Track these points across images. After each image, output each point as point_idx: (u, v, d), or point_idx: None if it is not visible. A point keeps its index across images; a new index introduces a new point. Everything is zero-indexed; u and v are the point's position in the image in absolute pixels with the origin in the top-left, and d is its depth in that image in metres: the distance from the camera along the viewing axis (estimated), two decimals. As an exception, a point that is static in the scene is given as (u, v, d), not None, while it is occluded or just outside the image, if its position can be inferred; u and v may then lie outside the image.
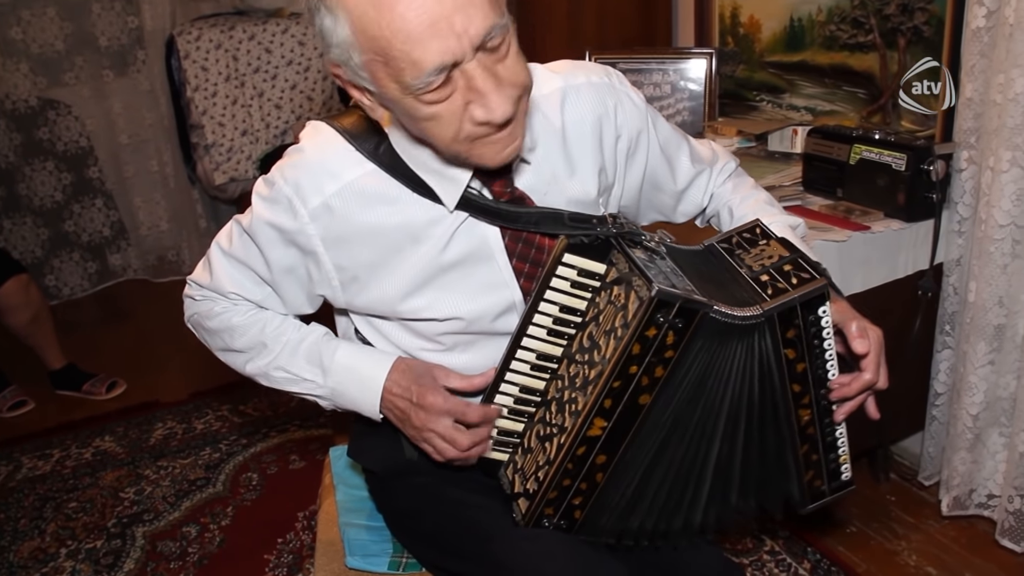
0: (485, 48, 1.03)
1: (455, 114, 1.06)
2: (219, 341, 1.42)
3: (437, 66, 1.00)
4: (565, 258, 1.18)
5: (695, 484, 1.24)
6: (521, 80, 1.08)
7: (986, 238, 2.01)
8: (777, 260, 1.20)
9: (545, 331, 1.21)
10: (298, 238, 1.25)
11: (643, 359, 1.09)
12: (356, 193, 1.22)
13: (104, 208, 4.40)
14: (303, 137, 1.27)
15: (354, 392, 1.34)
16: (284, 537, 2.46)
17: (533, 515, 1.22)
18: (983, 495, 2.24)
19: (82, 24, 4.13)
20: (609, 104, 1.33)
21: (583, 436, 1.14)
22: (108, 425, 3.17)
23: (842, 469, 1.31)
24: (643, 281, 1.07)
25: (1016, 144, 1.91)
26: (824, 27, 2.49)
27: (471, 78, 1.03)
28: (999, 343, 2.09)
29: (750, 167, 2.46)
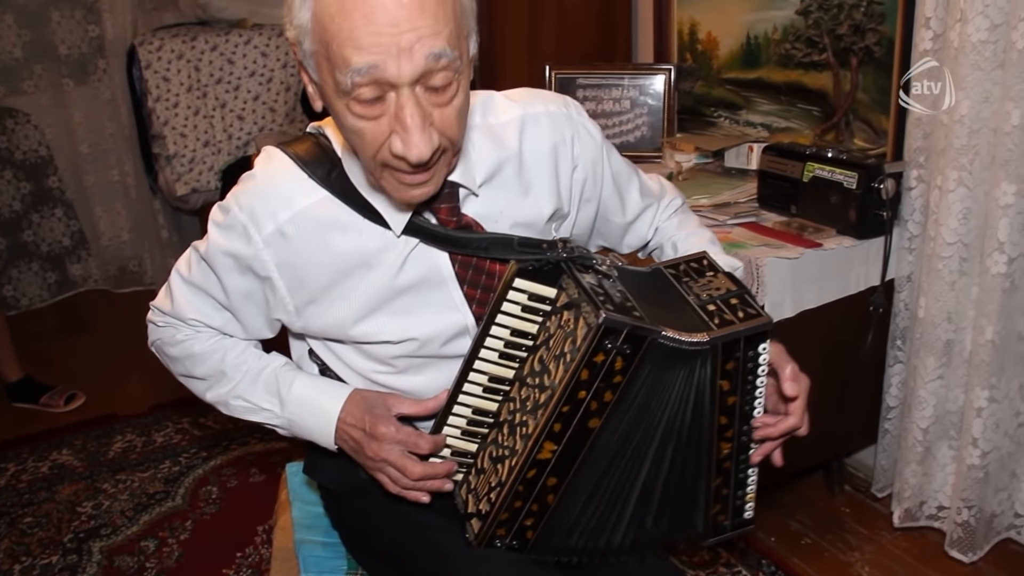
0: (428, 85, 1.03)
1: (377, 137, 1.06)
2: (181, 367, 1.44)
3: (365, 66, 0.99)
4: (516, 283, 1.19)
5: (621, 505, 1.25)
6: (452, 133, 1.09)
7: (935, 255, 2.06)
8: (724, 292, 1.22)
9: (497, 354, 1.22)
10: (253, 264, 1.25)
11: (592, 384, 1.10)
12: (309, 220, 1.23)
13: (64, 218, 4.36)
14: (256, 163, 1.28)
15: (310, 423, 1.35)
16: (243, 551, 2.45)
17: (485, 536, 1.23)
18: (933, 507, 2.28)
19: (41, 32, 4.09)
20: (566, 134, 1.34)
21: (533, 459, 1.16)
22: (66, 438, 3.14)
23: (747, 507, 1.32)
24: (591, 307, 1.08)
25: (962, 164, 1.95)
26: (780, 45, 2.53)
27: (401, 108, 1.03)
28: (948, 358, 2.13)
29: (707, 183, 2.50)
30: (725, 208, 2.33)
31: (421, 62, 1.00)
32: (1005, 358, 2.03)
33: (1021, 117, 1.84)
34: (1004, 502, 2.18)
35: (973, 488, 2.13)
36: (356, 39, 0.99)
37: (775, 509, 2.48)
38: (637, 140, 2.88)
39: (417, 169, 1.08)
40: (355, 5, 0.98)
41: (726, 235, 2.17)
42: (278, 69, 4.11)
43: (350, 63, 0.99)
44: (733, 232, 2.20)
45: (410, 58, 0.99)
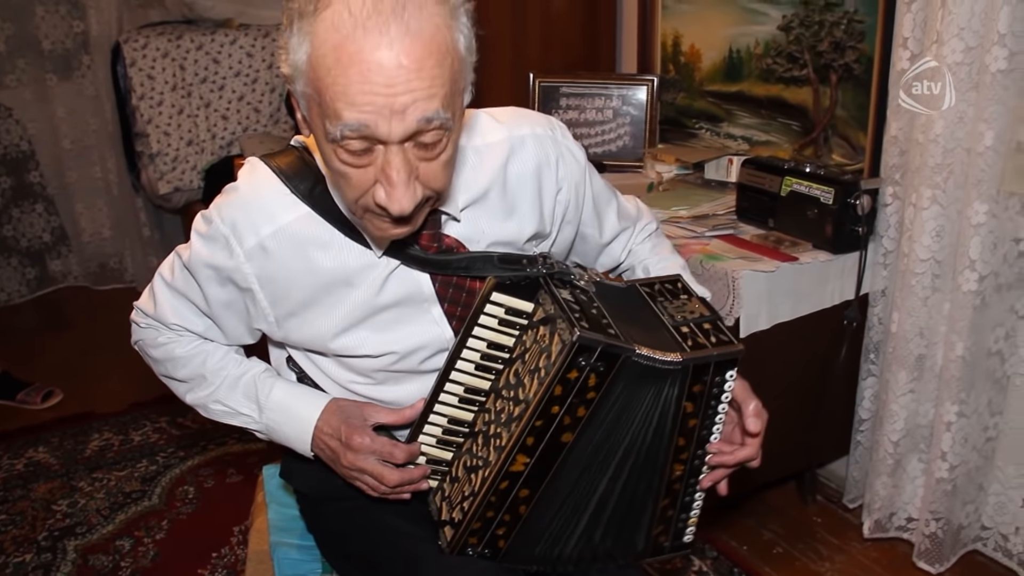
0: (417, 141, 1.03)
1: (362, 184, 1.06)
2: (162, 368, 1.46)
3: (356, 124, 0.99)
4: (493, 296, 1.20)
5: (577, 517, 1.27)
6: (437, 186, 1.09)
7: (908, 271, 2.09)
8: (698, 316, 1.24)
9: (473, 365, 1.24)
10: (234, 276, 1.26)
11: (565, 400, 1.11)
12: (291, 236, 1.23)
13: (45, 213, 4.34)
14: (240, 175, 1.28)
15: (287, 430, 1.37)
16: (219, 551, 2.46)
17: (457, 544, 1.25)
18: (903, 518, 2.32)
19: (25, 26, 4.07)
20: (551, 156, 1.34)
21: (506, 471, 1.17)
22: (42, 435, 3.13)
23: (688, 530, 1.34)
24: (566, 324, 1.10)
25: (936, 183, 1.99)
26: (761, 60, 2.56)
27: (388, 163, 1.02)
28: (919, 372, 2.17)
29: (687, 194, 2.53)
30: (704, 220, 2.36)
31: (413, 124, 1.00)
32: (975, 374, 2.06)
33: (994, 138, 1.87)
34: (971, 515, 2.22)
35: (941, 500, 2.16)
36: (350, 96, 0.98)
37: (748, 518, 2.50)
38: (619, 150, 2.90)
39: (398, 221, 1.09)
40: (352, 61, 0.96)
41: (704, 247, 2.20)
42: (263, 70, 4.11)
43: (341, 118, 0.99)
44: (711, 244, 2.23)
45: (402, 120, 0.99)
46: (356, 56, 0.96)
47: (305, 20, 1.00)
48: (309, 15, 0.99)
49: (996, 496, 2.21)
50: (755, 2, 2.54)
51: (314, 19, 0.99)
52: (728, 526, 2.47)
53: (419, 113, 0.99)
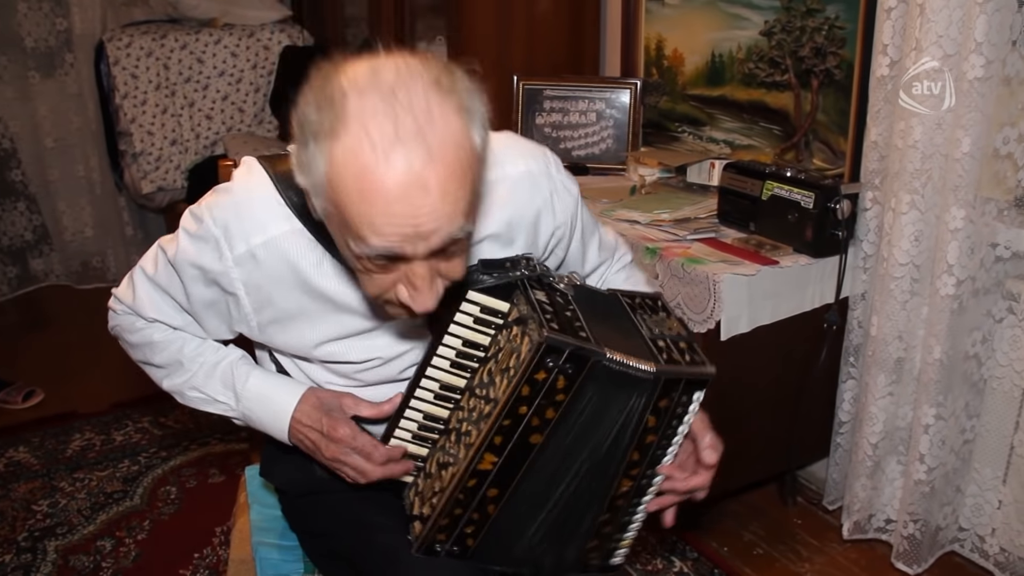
0: (440, 253, 1.02)
1: (384, 285, 1.06)
2: (139, 354, 1.44)
3: (384, 250, 0.98)
4: (469, 295, 1.20)
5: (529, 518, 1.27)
6: (456, 276, 1.08)
7: (887, 275, 2.11)
8: (675, 335, 1.24)
9: (448, 363, 1.24)
10: (220, 279, 1.24)
11: (533, 400, 1.12)
12: (280, 249, 1.21)
13: (27, 212, 4.31)
14: (235, 175, 1.26)
15: (265, 419, 1.36)
16: (201, 552, 2.45)
17: (425, 540, 1.25)
18: (881, 520, 2.34)
19: (7, 23, 4.05)
20: (547, 195, 1.32)
21: (474, 469, 1.18)
22: (23, 435, 3.11)
23: (619, 552, 1.35)
24: (536, 325, 1.10)
25: (915, 188, 2.01)
26: (743, 64, 2.58)
27: (412, 271, 1.02)
28: (898, 375, 2.19)
29: (668, 197, 2.54)
30: (685, 223, 2.38)
31: (438, 244, 0.99)
32: (952, 377, 2.09)
33: (971, 144, 1.90)
34: (949, 516, 2.24)
35: (919, 502, 2.18)
36: (376, 226, 0.96)
37: (728, 519, 2.52)
38: (602, 152, 2.92)
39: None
40: (376, 192, 0.94)
41: (686, 250, 2.22)
42: (248, 69, 4.11)
43: (368, 243, 0.97)
44: (692, 247, 2.24)
45: (427, 241, 0.98)
46: (380, 187, 0.93)
47: (321, 140, 0.96)
48: (325, 135, 0.95)
49: (973, 498, 2.23)
50: (738, 7, 2.56)
51: (332, 141, 0.95)
52: (708, 527, 2.48)
53: (444, 234, 0.98)
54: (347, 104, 0.94)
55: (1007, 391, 2.11)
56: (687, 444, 1.29)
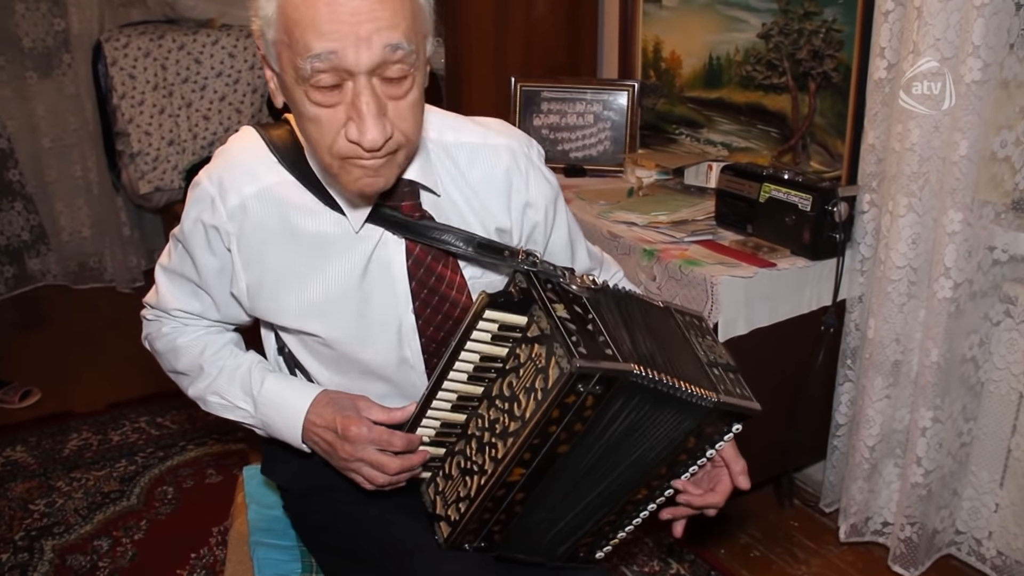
0: (384, 76, 1.07)
1: (333, 125, 1.10)
2: (166, 362, 1.48)
3: (326, 54, 1.03)
4: (486, 314, 1.19)
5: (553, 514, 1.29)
6: (405, 127, 1.12)
7: (885, 278, 2.12)
8: (726, 363, 1.29)
9: (466, 376, 1.24)
10: (220, 236, 1.29)
11: (562, 420, 1.12)
12: (273, 198, 1.27)
13: (24, 211, 4.30)
14: (231, 139, 1.32)
15: (280, 424, 1.36)
16: (198, 552, 2.45)
17: (455, 542, 1.27)
18: (878, 523, 2.34)
19: (5, 24, 4.05)
20: (522, 168, 1.37)
21: (503, 481, 1.19)
22: (20, 435, 3.11)
23: (604, 549, 1.39)
24: (564, 351, 1.09)
25: (912, 191, 2.01)
26: (741, 67, 2.58)
27: (357, 95, 1.07)
28: (895, 378, 2.19)
29: (666, 199, 2.54)
30: (683, 225, 2.38)
31: (379, 51, 1.04)
32: (949, 380, 2.09)
33: (968, 148, 1.90)
34: (946, 519, 2.24)
35: (916, 505, 2.19)
36: (318, 25, 1.03)
37: (725, 522, 2.52)
38: (599, 154, 2.92)
39: (372, 154, 1.11)
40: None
41: (683, 252, 2.22)
42: (245, 70, 4.11)
43: (311, 48, 1.03)
44: (690, 249, 2.24)
45: (368, 47, 1.04)
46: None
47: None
48: None
49: (970, 501, 2.23)
50: (735, 10, 2.57)
51: None
52: (705, 530, 2.48)
53: (384, 40, 1.04)
54: None
55: (1004, 394, 2.11)
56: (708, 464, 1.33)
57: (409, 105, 1.11)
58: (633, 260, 2.28)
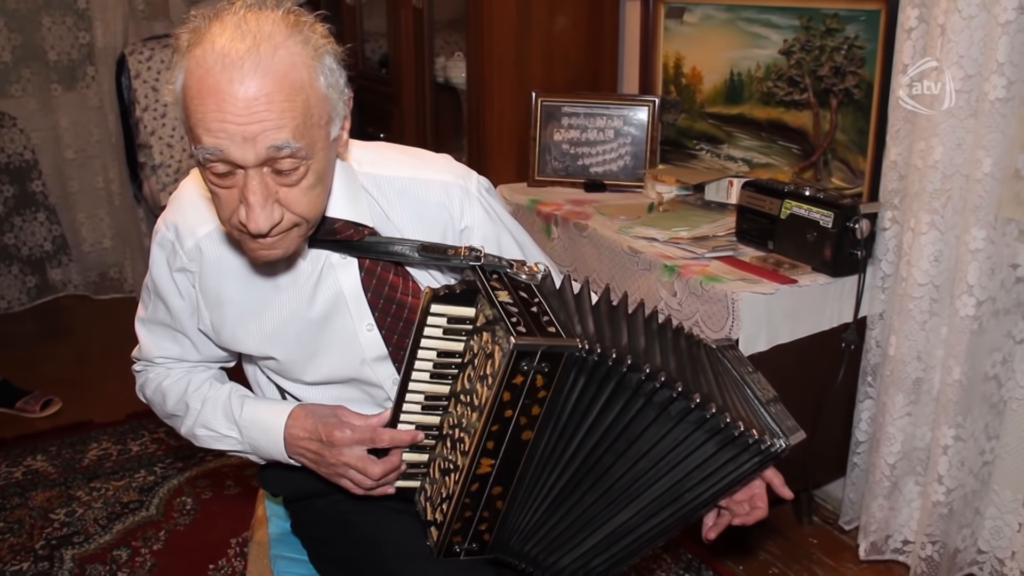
0: (274, 168, 1.11)
1: (229, 204, 1.14)
2: (158, 408, 1.53)
3: (213, 148, 1.08)
4: (432, 308, 1.22)
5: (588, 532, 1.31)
6: (300, 210, 1.16)
7: (906, 295, 2.11)
8: (772, 396, 1.35)
9: (428, 374, 1.27)
10: (185, 275, 1.35)
11: (516, 403, 1.14)
12: (223, 237, 1.31)
13: (46, 222, 4.35)
14: (183, 183, 1.38)
15: (263, 444, 1.41)
16: (216, 563, 2.46)
17: (444, 544, 1.28)
18: (899, 541, 2.32)
19: (31, 37, 4.10)
20: (456, 199, 1.39)
21: (474, 475, 1.20)
22: (41, 444, 3.13)
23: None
24: (504, 332, 1.12)
25: (935, 208, 2.01)
26: (762, 83, 2.58)
27: (246, 186, 1.11)
28: (916, 396, 2.18)
29: (687, 215, 2.54)
30: (703, 241, 2.38)
31: (263, 151, 1.08)
32: (972, 398, 2.08)
33: (992, 165, 1.90)
34: (967, 538, 2.23)
35: (938, 524, 2.17)
36: (207, 122, 1.07)
37: (743, 538, 2.51)
38: (619, 170, 2.92)
39: (259, 239, 1.15)
40: (210, 91, 1.06)
41: (704, 268, 2.22)
42: (267, 83, 4.13)
43: (201, 142, 1.08)
44: (711, 265, 2.24)
45: (253, 146, 1.08)
46: (214, 88, 1.06)
47: (181, 55, 1.10)
48: (184, 51, 1.10)
49: (992, 520, 2.22)
50: (756, 26, 2.57)
51: (188, 54, 1.09)
52: (724, 546, 2.47)
53: (268, 141, 1.08)
54: (209, 27, 1.09)
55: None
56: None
57: (302, 191, 1.15)
58: (654, 276, 2.28)
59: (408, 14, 3.42)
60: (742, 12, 2.61)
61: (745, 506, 1.38)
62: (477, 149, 3.05)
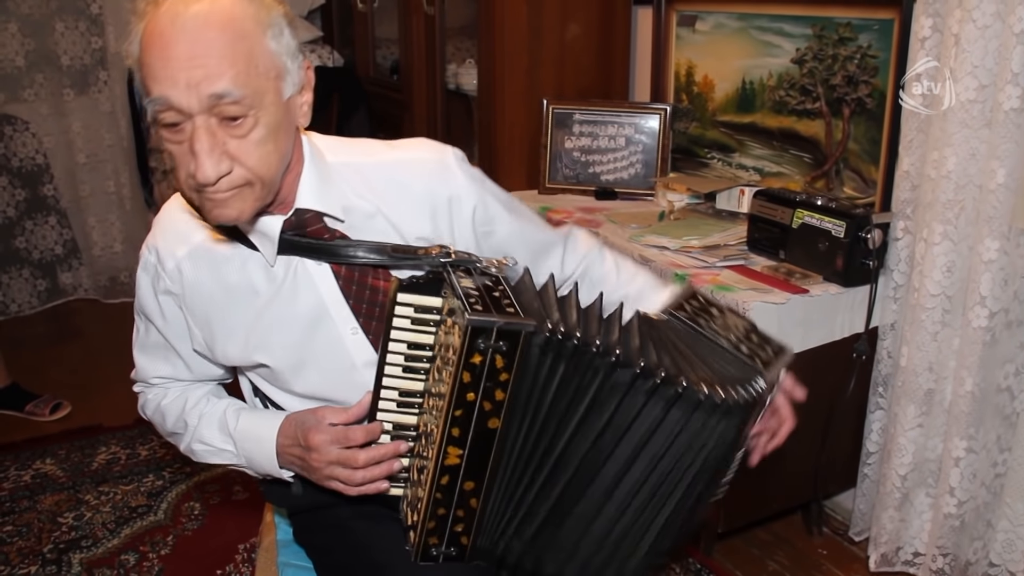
0: (221, 116, 1.13)
1: (184, 160, 1.16)
2: (159, 427, 1.55)
3: (160, 98, 1.10)
4: (399, 297, 1.22)
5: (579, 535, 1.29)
6: (250, 163, 1.16)
7: (918, 306, 2.10)
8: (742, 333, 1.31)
9: (400, 368, 1.25)
10: (170, 297, 1.37)
11: (477, 385, 1.12)
12: (201, 255, 1.34)
13: (57, 226, 4.37)
14: (163, 207, 1.40)
15: (258, 456, 1.41)
16: (224, 569, 2.46)
17: (420, 547, 1.25)
18: (909, 553, 2.31)
19: (44, 41, 4.12)
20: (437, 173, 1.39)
21: (442, 466, 1.18)
22: (50, 447, 3.14)
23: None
24: (460, 311, 1.11)
25: (948, 218, 2.00)
26: (774, 92, 2.58)
27: (193, 135, 1.12)
28: (928, 407, 2.17)
29: (698, 224, 2.54)
30: (715, 250, 2.37)
31: (205, 97, 1.10)
32: (984, 409, 2.06)
33: (1006, 175, 1.89)
34: (979, 551, 2.21)
35: (949, 536, 2.16)
36: (154, 71, 1.10)
37: (754, 548, 2.50)
38: (631, 178, 2.92)
39: (209, 188, 1.16)
40: (155, 40, 1.10)
41: (715, 277, 2.21)
42: (278, 89, 4.15)
43: (150, 92, 1.11)
44: (722, 275, 2.24)
45: (196, 92, 1.09)
46: (160, 38, 1.10)
47: (138, 20, 1.14)
48: (140, 15, 1.14)
49: (1005, 533, 2.20)
50: (769, 35, 2.56)
51: (145, 16, 1.13)
52: (734, 556, 2.46)
53: (209, 88, 1.10)
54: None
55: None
56: None
57: (253, 143, 1.16)
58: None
59: (420, 20, 3.43)
60: (754, 20, 2.60)
61: (773, 422, 1.40)
62: (488, 156, 3.05)
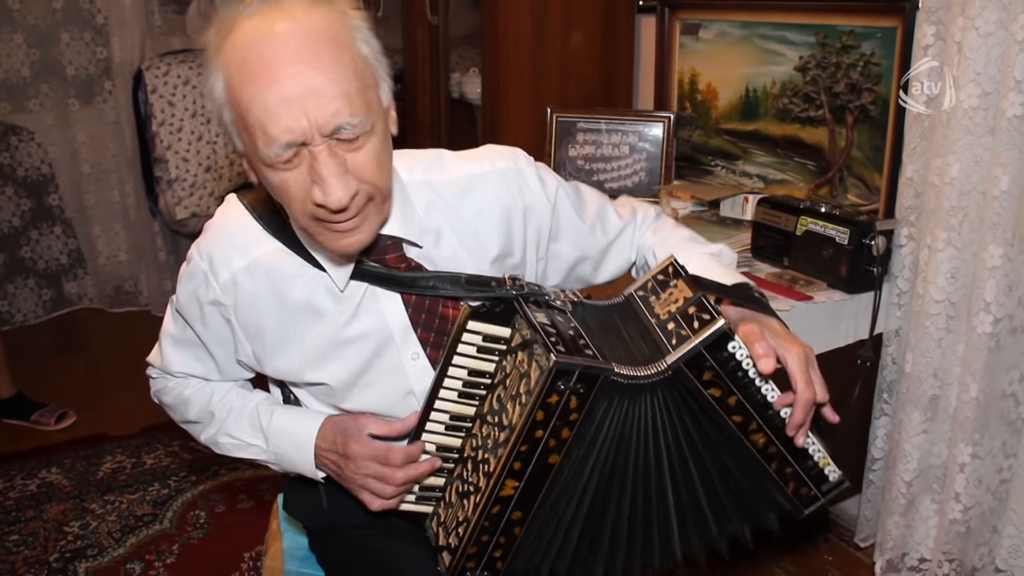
0: (336, 137, 1.08)
1: (301, 188, 1.11)
2: (177, 414, 1.53)
3: (285, 143, 1.06)
4: (469, 325, 1.22)
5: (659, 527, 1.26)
6: (369, 176, 1.13)
7: (923, 312, 2.10)
8: (682, 303, 1.19)
9: (456, 393, 1.26)
10: (218, 309, 1.32)
11: (548, 423, 1.13)
12: (261, 269, 1.29)
13: (62, 236, 4.38)
14: (217, 211, 1.35)
15: (292, 454, 1.40)
16: (229, 577, 2.47)
17: (456, 569, 1.26)
18: (915, 559, 2.31)
19: (50, 52, 4.13)
20: (513, 184, 1.37)
21: (496, 496, 1.19)
22: (55, 457, 3.15)
23: (827, 472, 1.31)
24: (543, 350, 1.11)
25: (951, 225, 2.00)
26: (778, 99, 2.58)
27: (315, 159, 1.08)
28: (933, 413, 2.17)
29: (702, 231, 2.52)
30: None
31: (326, 127, 1.07)
32: (989, 415, 2.07)
33: (1010, 182, 1.89)
34: (985, 556, 2.21)
35: (955, 542, 2.16)
36: (264, 103, 1.05)
37: (759, 554, 2.50)
38: (634, 185, 2.92)
39: (341, 215, 1.12)
40: (256, 65, 1.05)
41: (719, 284, 2.21)
42: (282, 98, 4.16)
43: (270, 136, 1.06)
44: (726, 281, 2.23)
45: (317, 127, 1.06)
46: (258, 60, 1.05)
47: (213, 54, 1.10)
48: (215, 49, 1.10)
49: (1010, 539, 2.20)
50: (772, 43, 2.57)
51: (221, 49, 1.09)
52: (740, 563, 2.46)
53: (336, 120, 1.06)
54: (235, 20, 1.09)
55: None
56: None
57: (370, 155, 1.12)
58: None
59: (424, 30, 3.43)
60: (758, 29, 2.61)
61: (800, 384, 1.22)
62: (492, 164, 3.04)
